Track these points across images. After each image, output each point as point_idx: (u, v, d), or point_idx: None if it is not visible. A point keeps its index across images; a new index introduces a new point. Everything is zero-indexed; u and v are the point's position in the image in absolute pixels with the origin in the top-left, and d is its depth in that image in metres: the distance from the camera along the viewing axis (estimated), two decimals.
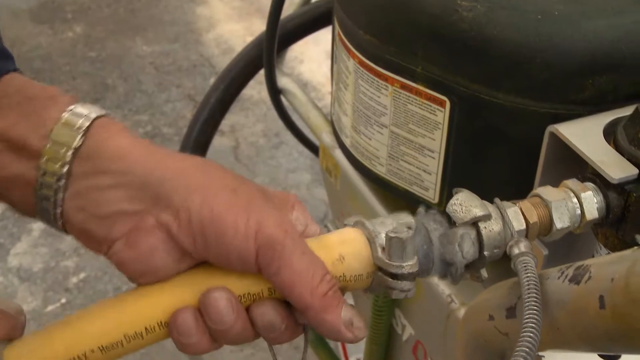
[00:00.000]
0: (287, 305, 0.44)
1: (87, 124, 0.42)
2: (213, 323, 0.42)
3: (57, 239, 1.77)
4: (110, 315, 0.43)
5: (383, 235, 0.45)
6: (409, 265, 0.44)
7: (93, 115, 0.43)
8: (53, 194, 0.42)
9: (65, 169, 0.42)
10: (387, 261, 0.44)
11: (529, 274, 0.44)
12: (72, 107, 0.43)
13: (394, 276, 0.45)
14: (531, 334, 0.41)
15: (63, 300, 1.67)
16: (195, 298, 0.43)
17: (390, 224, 0.46)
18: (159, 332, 0.43)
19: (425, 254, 0.47)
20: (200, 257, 0.43)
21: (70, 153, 0.42)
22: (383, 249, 0.45)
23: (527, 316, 0.42)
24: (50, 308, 1.65)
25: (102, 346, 0.42)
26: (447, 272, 0.48)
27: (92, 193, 0.42)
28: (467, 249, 0.47)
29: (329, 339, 0.45)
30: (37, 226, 1.80)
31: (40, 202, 0.42)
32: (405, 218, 0.47)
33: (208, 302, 0.42)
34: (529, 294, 0.43)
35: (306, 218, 0.46)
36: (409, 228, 0.46)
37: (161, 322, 0.43)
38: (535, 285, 0.44)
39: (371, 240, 0.45)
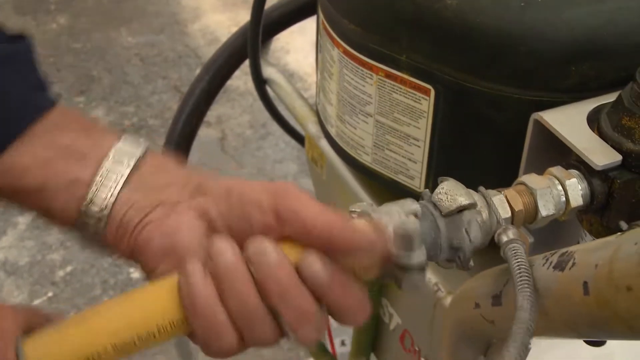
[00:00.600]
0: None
1: (146, 145, 0.48)
2: (219, 271, 0.42)
3: (43, 232, 1.76)
4: (124, 314, 0.43)
5: (390, 227, 0.45)
6: (417, 255, 0.44)
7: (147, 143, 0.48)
8: (109, 193, 0.46)
9: (128, 170, 0.46)
10: (395, 253, 0.44)
11: (519, 260, 0.45)
12: (125, 135, 0.48)
13: (403, 268, 0.45)
14: (526, 319, 0.41)
15: (50, 294, 1.66)
16: None
17: (397, 212, 0.46)
18: (171, 331, 0.43)
19: (433, 240, 0.47)
20: (224, 223, 0.45)
21: (134, 160, 0.46)
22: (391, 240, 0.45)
23: (521, 301, 0.42)
24: (36, 302, 1.65)
25: (114, 344, 0.43)
26: (455, 257, 0.48)
27: (149, 182, 0.46)
28: (475, 234, 0.47)
29: (371, 264, 0.43)
30: (23, 220, 1.79)
31: (89, 204, 0.46)
32: (411, 205, 0.47)
33: (212, 251, 0.43)
34: (520, 279, 0.43)
35: None
36: (415, 216, 0.46)
37: (173, 322, 0.43)
38: (527, 270, 0.44)
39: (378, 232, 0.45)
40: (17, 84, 0.47)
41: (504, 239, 0.47)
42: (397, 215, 0.45)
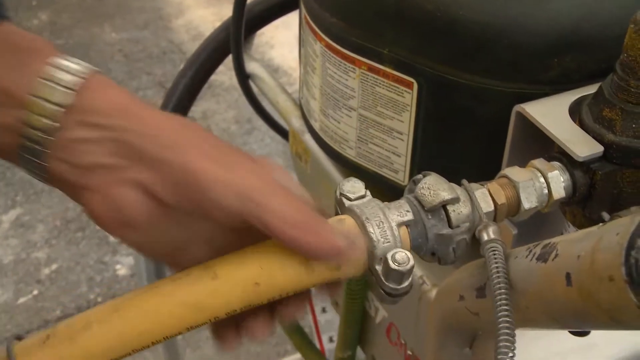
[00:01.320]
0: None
1: (76, 80, 0.42)
2: None
3: (27, 230, 1.75)
4: (118, 334, 0.43)
5: (382, 246, 0.45)
6: (404, 287, 0.45)
7: (81, 70, 0.42)
8: (39, 147, 0.42)
9: (51, 124, 0.41)
10: (383, 280, 0.45)
11: (498, 263, 0.45)
12: (59, 61, 0.42)
13: (388, 293, 0.45)
14: (507, 328, 0.42)
15: (35, 292, 1.65)
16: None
17: (388, 225, 0.45)
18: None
19: (418, 245, 0.47)
20: (184, 209, 0.43)
21: (57, 109, 0.41)
22: (380, 259, 0.45)
23: (498, 307, 0.43)
24: (22, 300, 1.64)
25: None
26: (435, 259, 0.49)
27: (76, 145, 0.42)
28: (460, 252, 0.48)
29: (330, 273, 0.44)
30: (7, 218, 1.78)
31: (23, 153, 0.42)
32: (405, 216, 0.47)
33: None
34: (498, 283, 0.44)
35: (288, 179, 0.46)
36: (407, 226, 0.46)
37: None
38: (504, 273, 0.44)
39: (370, 249, 0.45)
40: None
41: (484, 237, 0.47)
42: (388, 228, 0.45)
